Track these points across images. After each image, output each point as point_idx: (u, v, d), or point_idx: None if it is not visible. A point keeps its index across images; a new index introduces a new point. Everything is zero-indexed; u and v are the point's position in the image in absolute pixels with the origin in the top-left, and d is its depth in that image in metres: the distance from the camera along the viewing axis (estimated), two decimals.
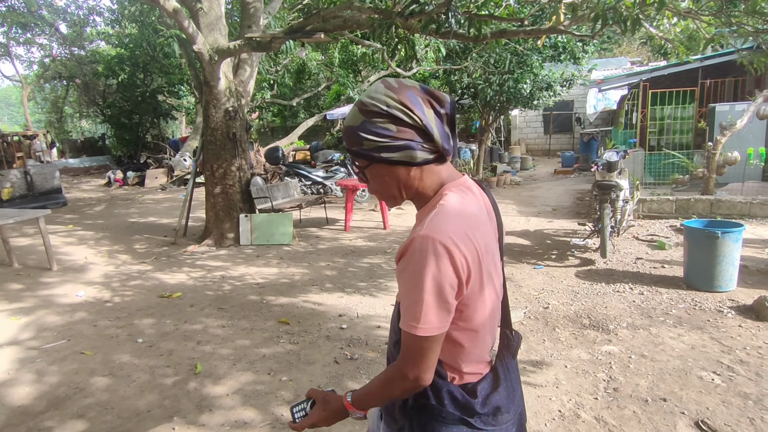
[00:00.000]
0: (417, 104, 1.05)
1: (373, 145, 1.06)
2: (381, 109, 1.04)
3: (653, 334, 3.54)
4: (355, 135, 1.07)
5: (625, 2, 3.61)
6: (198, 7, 6.10)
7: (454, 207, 1.05)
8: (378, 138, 1.05)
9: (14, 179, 9.88)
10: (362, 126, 1.06)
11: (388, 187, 1.12)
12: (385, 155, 1.06)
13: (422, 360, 1.02)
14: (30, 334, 4.00)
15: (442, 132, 1.07)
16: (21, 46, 19.01)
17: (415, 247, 0.99)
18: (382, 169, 1.09)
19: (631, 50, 23.75)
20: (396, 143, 1.05)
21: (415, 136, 1.05)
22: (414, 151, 1.06)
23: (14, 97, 35.84)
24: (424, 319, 0.99)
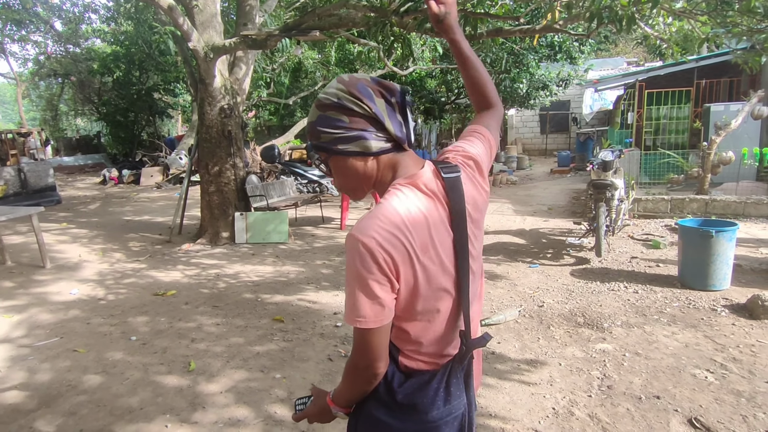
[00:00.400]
0: (366, 94, 1.08)
1: (329, 137, 1.09)
2: (333, 102, 1.08)
3: (647, 333, 3.54)
4: (314, 130, 1.11)
5: (621, 1, 3.62)
6: (193, 5, 6.07)
7: (387, 208, 1.05)
8: (333, 130, 1.08)
9: (8, 177, 9.82)
10: (318, 120, 1.09)
11: (348, 179, 1.14)
12: (341, 147, 1.09)
13: (368, 350, 1.06)
14: (22, 332, 3.97)
15: (395, 120, 1.09)
16: (16, 43, 18.90)
17: (347, 245, 1.05)
18: (341, 161, 1.11)
19: (627, 50, 23.82)
20: (349, 134, 1.07)
21: (368, 126, 1.08)
22: (367, 141, 1.08)
23: (9, 94, 35.62)
24: (361, 312, 1.02)
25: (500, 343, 3.49)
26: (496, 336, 3.59)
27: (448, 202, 1.13)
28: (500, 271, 5.10)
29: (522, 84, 10.08)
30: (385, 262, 1.01)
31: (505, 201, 9.29)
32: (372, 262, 1.01)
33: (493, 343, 3.49)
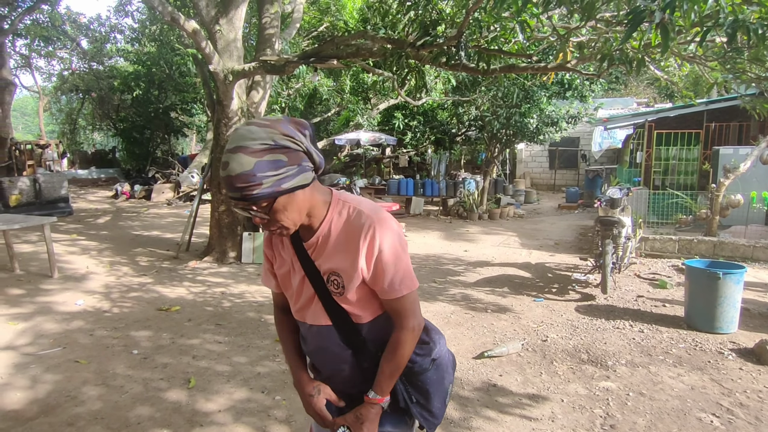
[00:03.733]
0: (294, 132, 1.16)
1: (272, 180, 1.12)
2: (269, 145, 1.11)
3: (652, 373, 3.50)
4: (251, 178, 1.10)
5: (632, 44, 3.72)
6: (216, 29, 6.29)
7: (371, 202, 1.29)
8: (275, 171, 1.12)
9: (23, 186, 10.00)
10: (256, 167, 1.10)
11: (291, 216, 1.20)
12: (286, 185, 1.14)
13: (419, 307, 1.33)
14: (27, 340, 3.99)
15: (314, 150, 1.21)
16: (42, 58, 19.52)
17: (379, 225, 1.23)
18: (285, 199, 1.16)
19: (638, 91, 24.11)
20: (291, 171, 1.14)
21: (302, 159, 1.17)
22: (306, 173, 1.18)
23: (30, 107, 36.56)
24: (413, 275, 1.29)
25: (502, 375, 3.46)
26: (497, 368, 3.56)
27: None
28: (505, 303, 5.08)
29: (532, 119, 10.21)
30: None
31: (512, 234, 9.30)
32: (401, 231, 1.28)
33: (495, 375, 3.46)
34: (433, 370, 1.42)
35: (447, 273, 6.33)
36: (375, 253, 1.22)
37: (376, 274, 1.25)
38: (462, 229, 9.92)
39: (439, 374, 1.43)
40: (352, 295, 1.29)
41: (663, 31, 2.34)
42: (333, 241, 1.27)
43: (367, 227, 1.22)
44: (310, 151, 1.19)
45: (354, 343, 1.35)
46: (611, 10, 3.95)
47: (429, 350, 1.41)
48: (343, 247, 1.26)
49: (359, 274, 1.25)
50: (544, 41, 4.86)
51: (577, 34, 4.34)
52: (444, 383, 1.45)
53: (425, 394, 1.41)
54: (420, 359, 1.38)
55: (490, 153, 11.90)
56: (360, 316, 1.33)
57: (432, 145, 14.57)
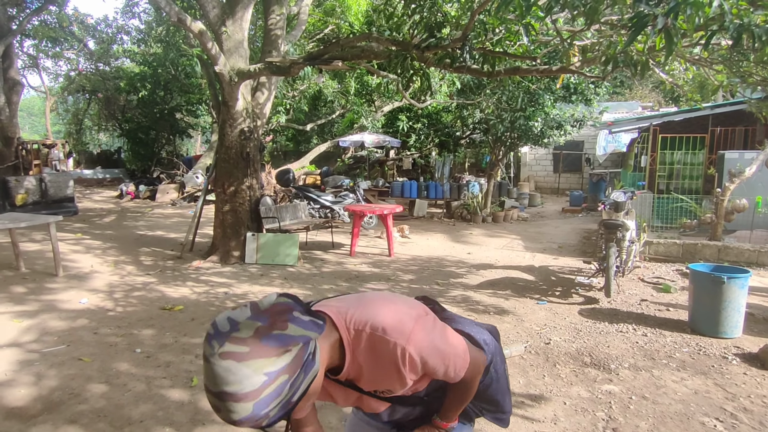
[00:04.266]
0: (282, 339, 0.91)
1: (281, 403, 0.92)
2: (263, 383, 0.88)
3: (655, 377, 3.48)
4: (256, 419, 0.90)
5: (636, 47, 3.71)
6: (222, 31, 6.32)
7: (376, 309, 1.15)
8: (280, 397, 0.92)
9: (29, 186, 10.06)
10: (256, 409, 0.89)
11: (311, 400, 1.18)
12: (298, 396, 0.95)
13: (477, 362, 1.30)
14: (31, 337, 4.01)
15: (308, 325, 0.96)
16: (49, 59, 19.67)
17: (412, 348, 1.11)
18: (301, 403, 1.00)
19: (643, 95, 24.06)
20: (299, 379, 0.94)
21: (304, 351, 0.95)
22: (313, 365, 0.97)
23: (37, 107, 36.82)
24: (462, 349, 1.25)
25: None
26: None
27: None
28: (507, 306, 5.07)
29: (537, 122, 10.21)
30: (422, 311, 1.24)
31: (515, 237, 9.28)
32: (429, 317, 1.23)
33: None
34: (494, 380, 1.42)
35: (450, 275, 6.33)
36: (419, 367, 1.15)
37: (429, 375, 1.23)
38: (465, 231, 9.91)
39: (499, 376, 1.44)
40: (415, 389, 1.30)
41: (667, 36, 2.34)
42: (368, 370, 1.14)
43: (401, 355, 1.10)
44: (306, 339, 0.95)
45: (418, 402, 1.37)
46: (616, 14, 3.95)
47: (487, 368, 1.39)
48: (383, 374, 1.15)
49: (409, 384, 1.19)
50: (549, 44, 4.87)
51: (581, 37, 4.34)
52: (505, 377, 1.48)
53: (494, 403, 1.46)
54: (481, 377, 1.38)
55: (494, 156, 11.89)
56: (417, 390, 1.31)
57: (436, 148, 14.58)
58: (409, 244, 8.40)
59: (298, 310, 0.97)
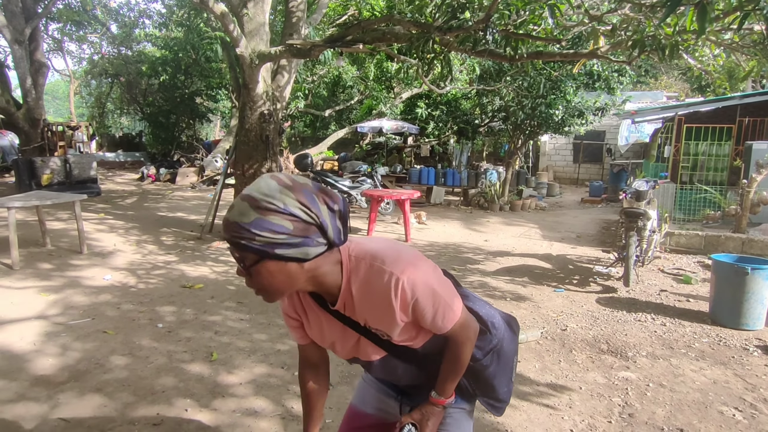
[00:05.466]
0: (313, 202, 1.05)
1: (266, 241, 1.02)
2: (278, 207, 1.02)
3: (674, 365, 3.45)
4: (247, 231, 1.02)
5: (665, 30, 3.62)
6: (243, 13, 6.33)
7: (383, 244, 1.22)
8: (273, 235, 1.02)
9: (54, 166, 10.29)
10: (255, 223, 1.01)
11: (276, 283, 1.10)
12: (280, 251, 1.03)
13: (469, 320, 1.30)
14: (57, 311, 4.14)
15: (336, 227, 1.09)
16: (74, 42, 19.95)
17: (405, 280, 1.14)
18: (273, 265, 1.06)
19: (668, 84, 23.47)
20: (292, 241, 1.03)
21: (312, 233, 1.05)
22: (309, 248, 1.06)
23: (61, 90, 37.48)
24: (455, 302, 1.24)
25: (520, 362, 3.45)
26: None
27: None
28: (525, 292, 5.05)
29: (558, 110, 10.05)
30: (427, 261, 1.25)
31: (533, 226, 9.21)
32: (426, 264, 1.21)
33: None
34: (494, 362, 1.41)
35: (466, 261, 6.32)
36: (410, 303, 1.16)
37: (417, 318, 1.21)
38: (482, 219, 9.86)
39: (502, 362, 1.43)
40: (398, 337, 1.27)
41: (701, 13, 2.28)
42: (360, 301, 1.20)
43: (394, 285, 1.13)
44: (326, 226, 1.07)
45: (414, 360, 1.36)
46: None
47: (489, 341, 1.39)
48: (375, 307, 1.19)
49: (399, 323, 1.21)
50: (574, 28, 4.77)
51: (608, 20, 4.24)
52: (508, 367, 1.45)
53: (490, 387, 1.43)
54: (480, 355, 1.38)
55: (513, 144, 11.76)
56: (412, 344, 1.31)
57: (454, 135, 14.46)
58: (425, 231, 8.40)
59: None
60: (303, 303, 1.32)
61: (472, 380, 1.42)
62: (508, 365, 1.45)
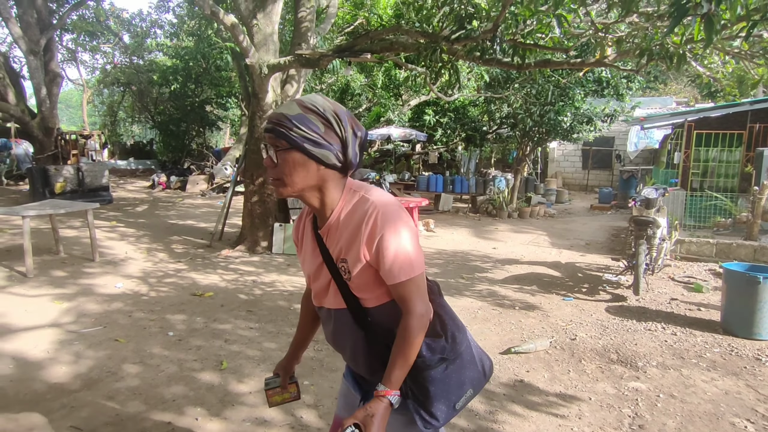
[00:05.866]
0: (345, 120, 1.28)
1: (301, 134, 1.23)
2: (318, 110, 1.25)
3: (684, 376, 3.42)
4: (288, 121, 1.24)
5: (672, 39, 3.63)
6: (253, 24, 6.42)
7: (370, 187, 1.34)
8: (308, 131, 1.24)
9: (67, 175, 10.44)
10: (298, 117, 1.24)
11: (294, 174, 1.27)
12: (308, 146, 1.24)
13: (425, 293, 1.31)
14: (70, 319, 4.20)
15: (354, 151, 1.30)
16: (87, 52, 20.29)
17: (381, 211, 1.25)
18: (297, 156, 1.25)
19: (677, 90, 23.33)
20: (320, 141, 1.25)
21: (336, 144, 1.27)
22: (330, 154, 1.26)
23: (74, 99, 38.05)
24: (418, 260, 1.28)
25: (529, 372, 3.45)
26: (525, 365, 3.55)
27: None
28: (533, 301, 5.04)
29: (566, 117, 10.04)
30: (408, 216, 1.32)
31: (541, 233, 9.18)
32: (407, 216, 1.30)
33: (522, 371, 3.45)
34: (440, 368, 1.35)
35: (475, 269, 6.32)
36: (376, 238, 1.25)
37: (377, 260, 1.27)
38: (491, 226, 9.84)
39: (448, 375, 1.36)
40: (357, 279, 1.31)
41: (708, 24, 2.28)
42: (341, 228, 1.32)
43: (370, 213, 1.26)
44: (348, 144, 1.28)
45: (365, 325, 1.37)
46: (651, 4, 3.86)
47: (440, 345, 1.36)
48: (348, 233, 1.30)
49: (361, 259, 1.28)
50: (581, 36, 4.78)
51: (615, 29, 4.25)
52: (453, 387, 1.37)
53: (424, 392, 1.34)
54: (427, 353, 1.34)
55: (521, 151, 11.75)
56: (365, 300, 1.35)
57: (462, 142, 14.48)
58: (434, 238, 8.40)
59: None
60: (304, 228, 1.48)
61: (409, 376, 1.33)
62: (454, 385, 1.37)
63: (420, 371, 1.33)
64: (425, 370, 1.34)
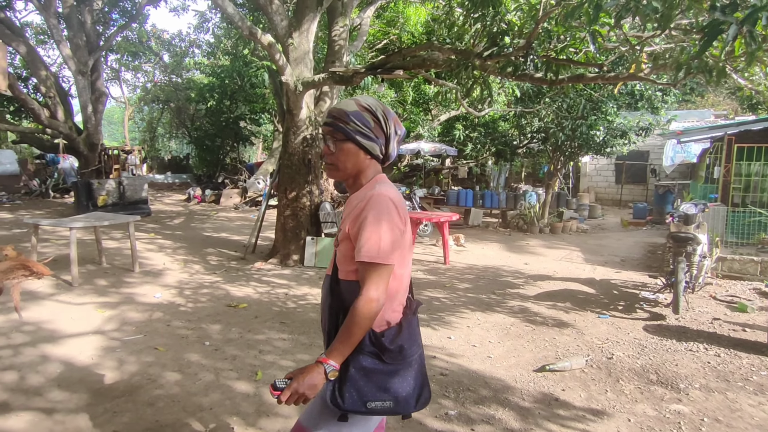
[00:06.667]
0: (390, 119, 1.54)
1: (355, 128, 1.48)
2: (371, 109, 1.50)
3: (730, 399, 3.29)
4: (347, 116, 1.48)
5: (712, 52, 3.57)
6: (289, 42, 6.62)
7: (390, 185, 1.52)
8: (361, 125, 1.48)
9: (109, 188, 10.90)
10: (355, 113, 1.49)
11: (347, 161, 1.52)
12: (360, 138, 1.49)
13: (383, 284, 1.40)
14: (113, 326, 4.36)
15: (393, 146, 1.55)
16: (129, 71, 21.24)
17: (374, 199, 1.42)
18: (351, 147, 1.50)
19: (716, 102, 22.64)
20: (369, 134, 1.49)
21: (382, 138, 1.52)
22: (376, 146, 1.52)
23: (116, 116, 39.75)
24: (386, 251, 1.39)
25: (564, 390, 3.38)
26: (560, 383, 3.49)
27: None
28: (567, 318, 4.94)
29: (599, 131, 9.89)
30: (403, 216, 1.46)
31: (574, 249, 9.00)
32: (397, 214, 1.44)
33: (557, 389, 3.39)
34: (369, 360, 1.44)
35: (506, 285, 6.25)
36: (360, 218, 1.42)
37: (354, 235, 1.45)
38: (522, 242, 9.72)
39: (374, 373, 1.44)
40: (341, 250, 1.53)
41: (749, 40, 2.25)
42: (350, 204, 1.55)
43: (368, 197, 1.44)
44: (391, 139, 1.53)
45: (334, 293, 1.54)
46: (688, 18, 3.81)
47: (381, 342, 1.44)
48: (350, 209, 1.53)
49: (347, 232, 1.49)
50: (615, 51, 4.75)
51: (650, 43, 4.21)
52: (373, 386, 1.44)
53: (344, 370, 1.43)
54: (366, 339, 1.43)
55: (553, 165, 11.61)
56: (341, 272, 1.53)
57: (492, 157, 14.41)
58: (464, 253, 8.36)
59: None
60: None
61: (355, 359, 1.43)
62: (375, 385, 1.44)
63: (354, 355, 1.43)
64: (356, 353, 1.43)
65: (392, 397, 1.45)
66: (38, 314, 4.56)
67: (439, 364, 3.75)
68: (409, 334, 1.51)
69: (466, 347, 4.13)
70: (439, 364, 3.73)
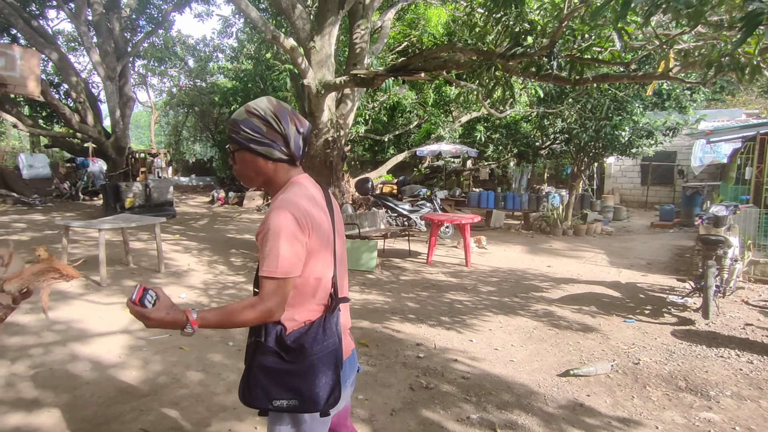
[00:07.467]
0: (285, 119, 1.47)
1: (246, 136, 1.46)
2: (259, 113, 1.46)
3: (763, 408, 3.18)
4: (237, 125, 1.47)
5: (745, 49, 3.46)
6: (311, 46, 6.68)
7: (295, 190, 1.48)
8: (251, 132, 1.46)
9: (136, 191, 11.15)
10: (244, 121, 1.46)
11: (246, 170, 1.52)
12: (253, 146, 1.47)
13: (281, 297, 1.40)
14: (139, 326, 4.44)
15: (297, 144, 1.50)
16: (156, 76, 21.74)
17: (274, 212, 1.40)
18: (247, 155, 1.49)
19: (747, 101, 21.95)
20: (263, 140, 1.46)
21: (278, 140, 1.47)
22: (273, 150, 1.47)
23: (143, 120, 40.71)
24: (284, 265, 1.38)
25: (589, 396, 3.31)
26: (584, 388, 3.42)
27: (323, 195, 1.59)
28: (592, 322, 4.85)
29: (624, 131, 9.68)
30: (304, 223, 1.41)
31: (599, 251, 8.83)
32: (295, 224, 1.39)
33: (582, 395, 3.32)
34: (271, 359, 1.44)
35: (529, 288, 6.17)
36: (263, 231, 1.41)
37: (259, 246, 1.44)
38: (545, 244, 9.59)
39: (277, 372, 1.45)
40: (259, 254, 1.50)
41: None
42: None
43: (270, 209, 1.44)
44: (289, 138, 1.48)
45: (255, 287, 1.57)
46: (719, 14, 3.70)
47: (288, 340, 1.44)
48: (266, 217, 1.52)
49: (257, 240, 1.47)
50: (642, 49, 4.64)
51: (679, 40, 4.10)
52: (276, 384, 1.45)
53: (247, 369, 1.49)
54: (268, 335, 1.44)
55: (576, 167, 11.42)
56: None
57: (514, 158, 14.26)
58: (486, 255, 8.29)
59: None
60: None
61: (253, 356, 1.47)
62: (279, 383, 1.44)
63: (256, 353, 1.46)
64: (259, 352, 1.45)
65: (296, 396, 1.46)
66: (68, 314, 4.68)
67: (460, 367, 3.72)
68: (316, 333, 1.47)
69: (488, 351, 4.09)
70: (461, 368, 3.70)
